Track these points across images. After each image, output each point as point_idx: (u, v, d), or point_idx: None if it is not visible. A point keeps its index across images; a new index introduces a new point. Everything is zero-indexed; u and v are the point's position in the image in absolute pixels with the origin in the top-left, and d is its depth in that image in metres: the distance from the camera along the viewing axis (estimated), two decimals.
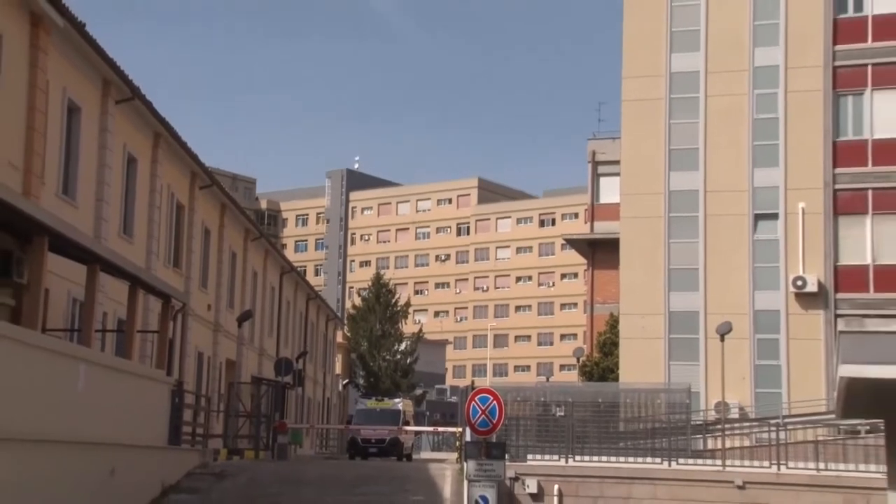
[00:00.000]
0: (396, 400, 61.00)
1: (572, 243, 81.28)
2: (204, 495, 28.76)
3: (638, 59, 54.56)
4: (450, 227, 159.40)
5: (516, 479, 31.19)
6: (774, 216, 52.00)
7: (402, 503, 29.40)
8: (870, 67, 50.83)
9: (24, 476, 18.27)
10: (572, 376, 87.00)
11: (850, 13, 51.70)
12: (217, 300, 46.60)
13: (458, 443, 38.43)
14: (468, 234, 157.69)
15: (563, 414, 40.82)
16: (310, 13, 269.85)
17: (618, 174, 57.50)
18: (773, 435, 36.83)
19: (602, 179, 68.64)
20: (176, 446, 31.46)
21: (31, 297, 21.82)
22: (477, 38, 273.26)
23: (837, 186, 50.49)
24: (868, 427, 32.81)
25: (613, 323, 59.54)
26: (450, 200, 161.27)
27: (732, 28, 53.23)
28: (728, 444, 39.56)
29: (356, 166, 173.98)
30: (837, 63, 51.33)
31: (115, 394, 24.10)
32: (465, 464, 25.48)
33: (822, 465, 33.11)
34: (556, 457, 34.22)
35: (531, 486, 31.47)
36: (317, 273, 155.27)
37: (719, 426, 43.25)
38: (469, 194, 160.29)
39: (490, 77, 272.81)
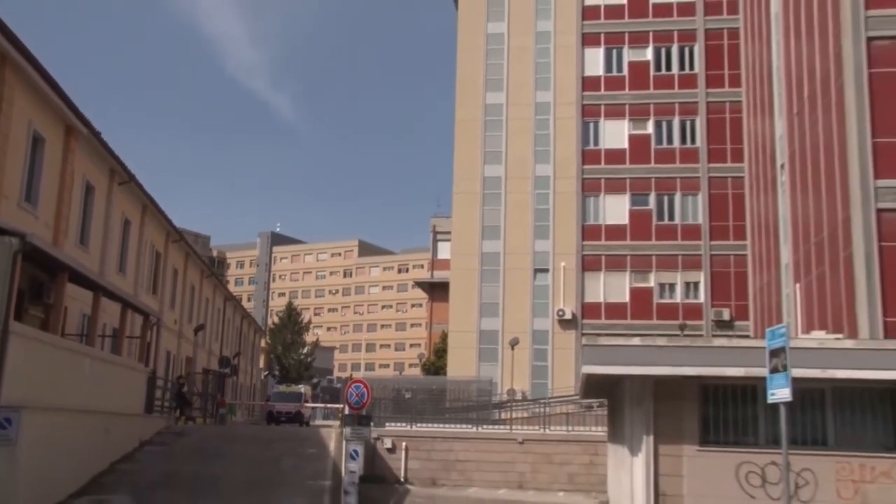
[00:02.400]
0: (300, 386, 60.87)
1: (419, 284, 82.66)
2: (168, 447, 28.41)
3: (463, 168, 55.19)
4: (339, 271, 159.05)
5: (378, 438, 31.01)
6: (546, 270, 52.91)
7: (302, 453, 28.97)
8: (603, 180, 52.83)
9: (52, 431, 18.90)
10: (417, 371, 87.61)
11: (591, 146, 53.57)
12: (181, 317, 46.31)
13: (340, 415, 38.57)
14: (351, 276, 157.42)
15: (409, 396, 41.65)
16: (236, 116, 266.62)
17: (449, 240, 58.23)
18: (542, 409, 37.83)
19: (439, 243, 70.03)
20: (149, 414, 31.17)
21: (55, 312, 22.16)
22: (359, 140, 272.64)
23: (584, 253, 52.14)
24: (598, 403, 33.90)
25: (444, 337, 60.37)
26: (339, 254, 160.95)
27: (521, 150, 54.50)
28: (514, 415, 40.24)
29: (278, 228, 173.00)
30: (584, 176, 53.04)
31: (109, 378, 24.34)
32: (344, 429, 25.82)
33: (571, 428, 33.37)
34: (404, 424, 34.23)
35: (388, 443, 31.07)
36: (249, 300, 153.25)
37: (508, 404, 44.07)
38: (352, 250, 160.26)
39: (368, 167, 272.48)
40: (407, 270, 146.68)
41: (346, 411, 25.23)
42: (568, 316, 51.53)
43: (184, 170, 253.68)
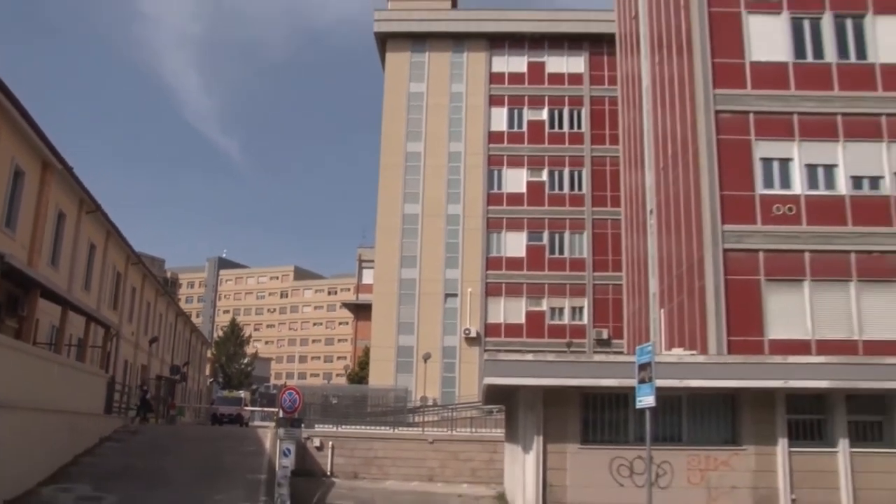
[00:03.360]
0: (240, 392, 60.12)
1: (346, 305, 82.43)
2: (124, 443, 27.60)
3: (386, 206, 55.01)
4: (276, 292, 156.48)
5: (308, 438, 30.72)
6: (455, 295, 53.08)
7: (242, 450, 28.18)
8: (504, 219, 53.68)
9: (25, 427, 18.78)
10: (343, 381, 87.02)
11: (495, 190, 54.50)
12: (138, 329, 45.37)
13: (275, 418, 38.15)
14: (287, 297, 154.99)
15: (336, 402, 41.50)
16: (191, 156, 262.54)
17: (373, 267, 57.67)
18: (450, 414, 37.91)
19: (364, 270, 69.68)
20: (109, 414, 30.54)
21: (28, 324, 22.15)
22: (297, 180, 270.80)
23: (488, 280, 52.80)
24: (497, 409, 33.88)
25: (367, 351, 59.76)
26: (277, 277, 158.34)
27: (436, 192, 54.78)
28: (426, 419, 40.22)
29: (224, 254, 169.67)
30: (489, 215, 53.87)
31: (74, 382, 24.08)
32: (278, 430, 25.48)
33: (474, 430, 33.56)
34: (331, 426, 33.77)
35: (316, 442, 30.55)
36: (198, 316, 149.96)
37: (421, 409, 43.72)
38: (288, 274, 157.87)
39: (304, 204, 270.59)
40: (336, 293, 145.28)
41: (281, 415, 24.98)
42: (473, 334, 51.98)
43: (144, 201, 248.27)
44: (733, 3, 27.58)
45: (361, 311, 67.13)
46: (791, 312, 24.97)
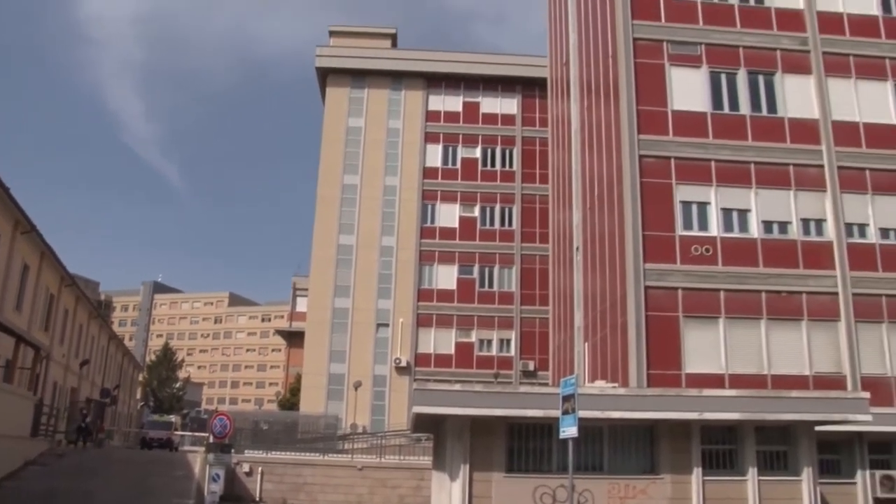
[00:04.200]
0: (171, 416, 58.78)
1: (279, 332, 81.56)
2: (49, 467, 27.01)
3: (322, 236, 54.62)
4: (211, 318, 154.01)
5: (237, 463, 30.05)
6: (387, 325, 52.89)
7: (171, 474, 27.90)
8: (437, 252, 53.97)
9: None
10: (274, 407, 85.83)
11: (429, 224, 54.88)
12: (69, 352, 44.06)
13: (205, 443, 37.60)
14: (221, 322, 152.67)
15: (266, 427, 40.91)
16: (131, 180, 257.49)
17: (307, 296, 56.90)
18: (379, 441, 37.72)
19: (298, 298, 69.10)
20: (35, 437, 29.77)
21: None
22: (236, 208, 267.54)
23: (419, 311, 52.83)
24: (426, 437, 33.80)
25: (299, 378, 59.07)
26: (212, 303, 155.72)
27: (371, 224, 54.64)
28: (355, 446, 40.07)
29: (160, 278, 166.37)
30: (422, 248, 54.09)
31: (2, 405, 23.59)
32: (208, 455, 25.18)
33: (402, 457, 33.52)
34: (261, 451, 33.61)
35: (246, 467, 30.13)
36: (131, 339, 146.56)
37: (351, 437, 43.59)
38: (223, 300, 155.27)
39: (243, 232, 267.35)
40: (269, 320, 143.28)
41: (211, 440, 24.71)
42: (403, 364, 51.90)
43: (82, 224, 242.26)
44: (657, 55, 28.59)
45: (294, 338, 66.55)
46: (707, 348, 25.69)
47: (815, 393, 22.89)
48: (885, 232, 28.04)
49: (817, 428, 20.90)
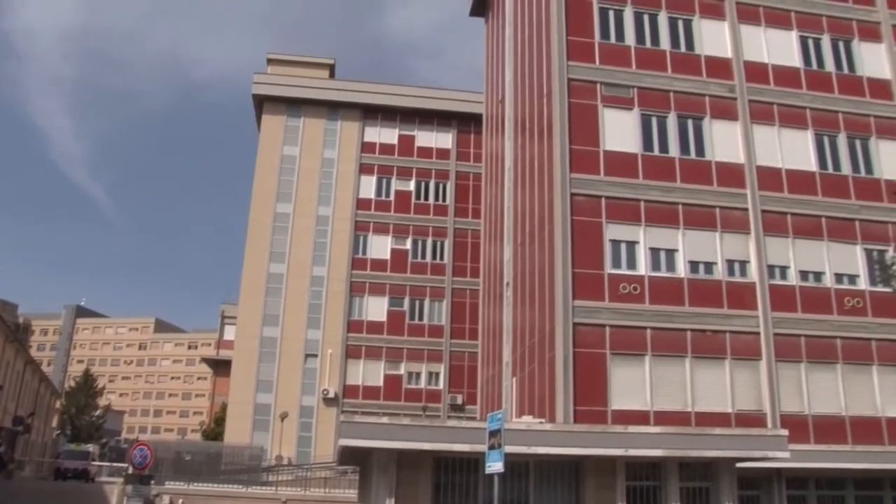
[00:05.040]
0: (88, 445, 57.21)
1: (206, 360, 79.80)
2: None
3: (252, 264, 53.92)
4: (135, 344, 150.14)
5: (157, 495, 29.24)
6: (316, 355, 52.32)
7: None
8: (368, 283, 53.90)
9: None
10: (198, 437, 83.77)
11: (360, 255, 54.65)
12: None
13: (124, 474, 36.63)
14: (146, 349, 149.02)
15: (189, 458, 40.20)
16: (57, 200, 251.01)
17: (235, 324, 56.28)
18: (304, 473, 37.39)
19: (226, 326, 67.62)
20: None
21: None
22: (164, 232, 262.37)
23: (348, 343, 52.45)
24: (352, 469, 33.72)
25: (224, 407, 58.26)
26: (137, 329, 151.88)
27: (302, 253, 54.22)
28: (280, 478, 39.59)
29: (83, 302, 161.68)
30: (353, 279, 53.86)
31: None
32: (126, 486, 24.46)
33: (328, 490, 33.59)
34: (183, 483, 33.31)
35: (166, 500, 29.97)
36: (49, 364, 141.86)
37: (276, 468, 43.31)
38: (149, 326, 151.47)
39: (171, 256, 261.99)
40: (196, 347, 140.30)
41: (130, 471, 24.01)
42: (331, 395, 51.31)
43: (2, 244, 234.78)
44: (591, 96, 29.06)
45: (221, 366, 65.18)
46: (633, 384, 25.89)
47: (736, 430, 23.21)
48: (804, 274, 28.84)
49: (738, 464, 21.16)
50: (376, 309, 53.68)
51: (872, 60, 32.95)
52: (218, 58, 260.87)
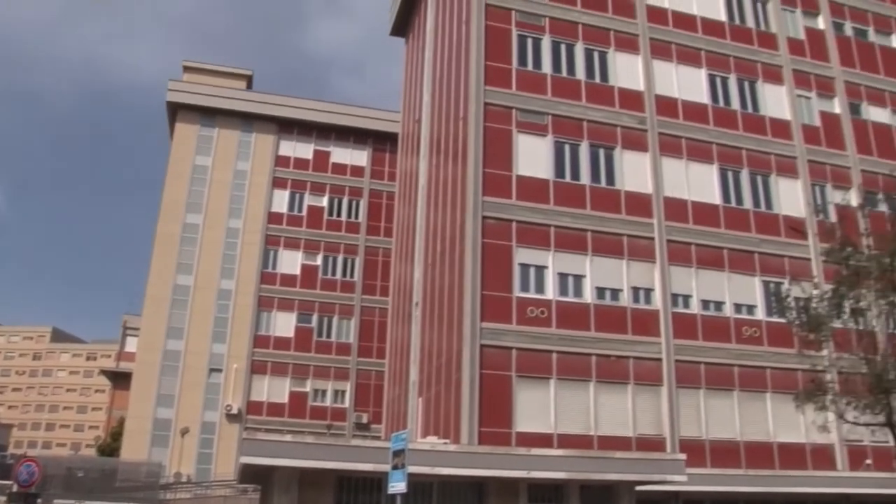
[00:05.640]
0: None
1: (104, 372, 76.96)
2: None
3: (158, 274, 52.34)
4: (29, 354, 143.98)
5: None
6: (220, 370, 51.13)
7: None
8: (276, 298, 53.18)
9: None
10: (93, 452, 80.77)
11: (270, 269, 53.88)
12: None
13: (8, 492, 34.69)
14: (41, 359, 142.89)
15: (82, 475, 38.75)
16: None
17: (138, 335, 54.90)
18: (203, 491, 36.53)
19: (129, 337, 65.72)
20: None
21: None
22: (66, 238, 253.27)
23: (254, 358, 51.52)
24: (252, 488, 32.83)
25: (122, 422, 56.55)
26: (32, 337, 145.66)
27: (210, 266, 53.07)
28: (178, 496, 38.72)
29: None
30: (261, 293, 52.99)
31: None
32: None
33: None
34: (73, 501, 32.06)
35: None
36: None
37: (174, 486, 42.31)
38: (45, 335, 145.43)
39: (72, 263, 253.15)
40: (95, 359, 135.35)
41: (15, 488, 22.83)
42: (235, 411, 50.20)
43: None
44: (506, 121, 29.38)
45: (121, 379, 62.96)
46: (537, 407, 26.07)
47: (637, 454, 23.60)
48: (706, 304, 29.68)
49: (638, 487, 21.50)
50: (284, 324, 52.96)
51: (774, 101, 34.38)
52: (133, 63, 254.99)
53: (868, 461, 29.37)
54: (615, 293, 28.56)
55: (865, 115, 36.20)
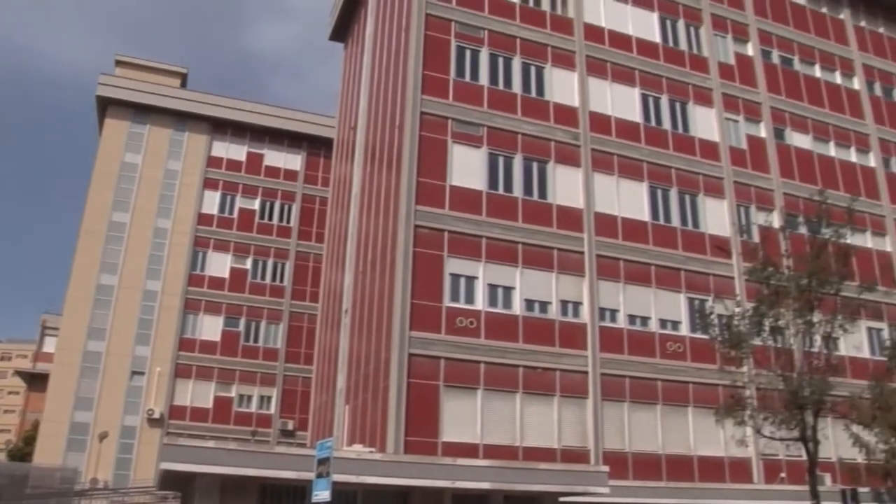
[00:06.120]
0: None
1: (19, 373, 74.87)
2: None
3: (81, 273, 50.77)
4: None
5: None
6: (143, 373, 49.73)
7: None
8: (204, 301, 52.15)
9: None
10: (2, 457, 78.09)
11: (198, 271, 52.77)
12: None
13: None
14: None
15: None
16: None
17: (57, 335, 53.62)
18: (120, 498, 35.62)
19: (47, 338, 64.32)
20: None
21: None
22: None
23: (178, 361, 50.40)
24: (173, 495, 31.96)
25: (37, 425, 54.79)
26: None
27: (136, 265, 51.71)
28: (94, 503, 37.69)
29: None
30: (188, 296, 51.87)
31: None
32: None
33: None
34: None
35: None
36: None
37: (89, 492, 41.09)
38: None
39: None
40: (10, 359, 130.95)
41: None
42: (157, 415, 48.99)
43: None
44: (441, 131, 29.51)
45: (37, 381, 61.39)
46: (464, 417, 26.16)
47: (561, 465, 23.88)
48: (632, 318, 30.23)
49: (562, 499, 21.75)
50: (211, 328, 52.04)
51: (704, 123, 35.32)
52: (62, 54, 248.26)
53: (782, 475, 30.25)
54: (544, 306, 28.88)
55: (789, 140, 37.47)
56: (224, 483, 18.71)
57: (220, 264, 53.56)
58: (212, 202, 54.99)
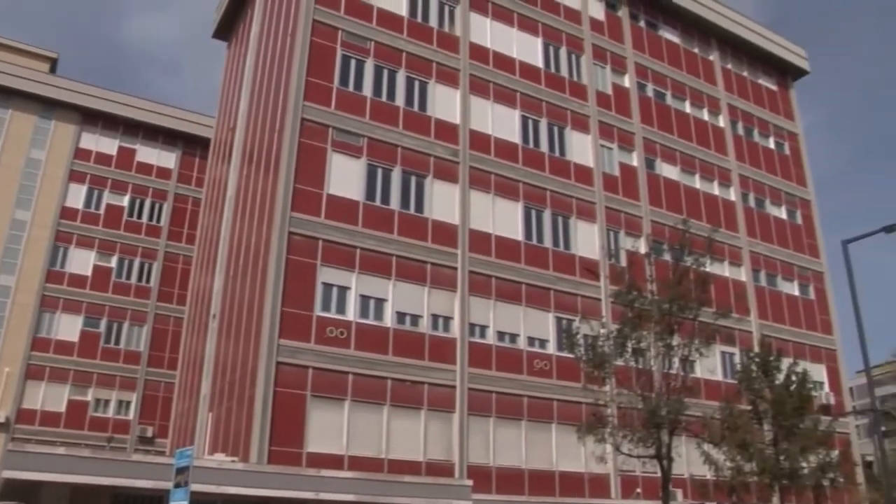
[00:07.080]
0: None
1: None
2: None
3: None
4: None
5: None
6: None
7: None
8: (62, 299, 49.46)
9: None
10: None
11: (58, 268, 49.88)
12: None
13: None
14: None
15: None
16: None
17: None
18: None
19: None
20: None
21: None
22: None
23: (30, 362, 47.53)
24: None
25: None
26: None
27: None
28: None
29: None
30: (45, 293, 49.22)
31: None
32: None
33: None
34: None
35: None
36: None
37: None
38: None
39: None
40: None
41: None
42: (2, 419, 45.96)
43: None
44: (321, 139, 29.41)
45: None
46: (330, 428, 26.04)
47: (425, 479, 24.14)
48: (501, 335, 30.88)
49: None
50: (68, 327, 49.44)
51: (580, 148, 36.56)
52: None
53: (638, 490, 31.49)
54: (415, 319, 29.11)
55: (658, 170, 39.22)
56: (74, 492, 18.01)
57: (82, 261, 51.10)
58: (77, 196, 52.55)
